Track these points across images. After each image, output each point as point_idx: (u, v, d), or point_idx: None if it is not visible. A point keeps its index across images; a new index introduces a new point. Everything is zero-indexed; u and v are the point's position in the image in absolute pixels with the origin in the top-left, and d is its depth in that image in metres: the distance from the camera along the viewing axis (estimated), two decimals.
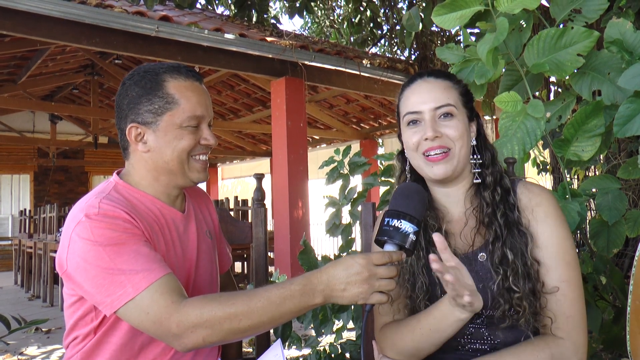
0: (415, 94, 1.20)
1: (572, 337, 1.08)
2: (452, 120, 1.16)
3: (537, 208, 1.15)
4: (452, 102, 1.17)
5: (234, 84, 8.14)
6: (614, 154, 2.89)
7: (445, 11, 1.63)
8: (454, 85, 1.21)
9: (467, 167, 1.21)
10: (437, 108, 1.16)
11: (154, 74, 1.23)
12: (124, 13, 4.41)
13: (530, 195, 1.17)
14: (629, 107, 1.40)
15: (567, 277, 1.11)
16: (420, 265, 1.18)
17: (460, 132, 1.16)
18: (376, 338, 1.24)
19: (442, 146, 1.15)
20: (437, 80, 1.20)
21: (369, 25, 7.01)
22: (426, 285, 1.17)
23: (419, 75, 1.23)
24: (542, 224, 1.14)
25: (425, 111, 1.17)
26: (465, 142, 1.17)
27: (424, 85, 1.20)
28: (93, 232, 1.10)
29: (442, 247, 0.96)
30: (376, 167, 2.43)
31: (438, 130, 1.15)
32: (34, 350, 4.31)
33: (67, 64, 8.02)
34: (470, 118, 1.21)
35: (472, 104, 1.24)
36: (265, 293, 1.04)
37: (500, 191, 1.17)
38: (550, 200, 1.16)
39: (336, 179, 2.19)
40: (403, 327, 1.16)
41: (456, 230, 1.21)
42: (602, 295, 1.79)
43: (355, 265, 0.99)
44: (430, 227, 1.19)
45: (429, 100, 1.17)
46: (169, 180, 1.26)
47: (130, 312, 1.07)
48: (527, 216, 1.15)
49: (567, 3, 1.63)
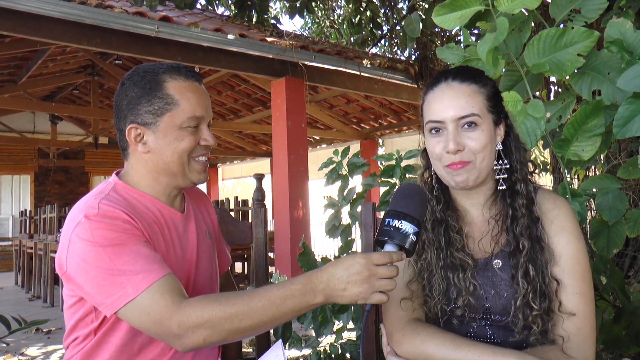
0: (437, 101, 1.15)
1: (581, 352, 1.08)
2: (475, 131, 1.12)
3: (554, 219, 1.14)
4: (477, 111, 1.12)
5: (234, 84, 8.14)
6: (614, 153, 2.89)
7: (446, 11, 1.63)
8: (481, 88, 1.15)
9: (490, 174, 1.18)
10: (460, 118, 1.12)
11: (153, 75, 1.22)
12: (124, 13, 4.41)
13: (548, 206, 1.16)
14: (629, 108, 1.40)
15: (580, 289, 1.10)
16: (439, 266, 1.17)
17: (484, 143, 1.12)
18: (391, 330, 1.18)
19: (463, 161, 1.12)
20: (462, 86, 1.14)
21: (369, 25, 7.00)
22: (443, 287, 1.16)
23: (444, 77, 1.16)
24: (558, 236, 1.13)
25: (447, 121, 1.12)
26: (488, 152, 1.13)
27: (447, 91, 1.14)
28: (93, 232, 1.09)
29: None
30: (376, 167, 2.43)
31: (460, 142, 1.11)
32: (34, 351, 4.31)
33: (67, 64, 8.03)
34: (497, 122, 1.16)
35: (500, 106, 1.18)
36: (266, 293, 1.04)
37: (525, 201, 1.14)
38: (568, 212, 1.15)
39: (335, 180, 2.19)
40: (445, 341, 1.11)
41: (475, 235, 1.19)
42: (602, 295, 1.79)
43: (355, 265, 0.99)
44: (450, 228, 1.18)
45: (451, 110, 1.12)
46: (169, 181, 1.26)
47: (130, 313, 1.07)
48: (545, 226, 1.14)
49: (566, 3, 1.63)
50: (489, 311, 1.15)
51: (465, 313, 1.15)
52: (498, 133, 1.17)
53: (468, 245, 1.18)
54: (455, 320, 1.16)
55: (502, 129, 1.18)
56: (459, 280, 1.14)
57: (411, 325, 1.15)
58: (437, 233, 1.19)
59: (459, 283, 1.14)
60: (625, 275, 3.28)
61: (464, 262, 1.15)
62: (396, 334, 1.16)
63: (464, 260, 1.15)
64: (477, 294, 1.14)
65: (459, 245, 1.17)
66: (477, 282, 1.14)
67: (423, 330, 1.13)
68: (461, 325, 1.17)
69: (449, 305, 1.17)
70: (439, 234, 1.19)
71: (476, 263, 1.16)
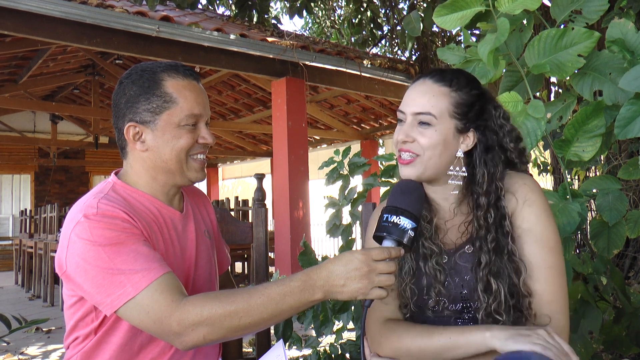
0: (408, 93, 1.21)
1: (554, 321, 1.09)
2: (427, 129, 1.15)
3: (523, 197, 1.16)
4: (434, 112, 1.14)
5: (234, 84, 8.14)
6: (615, 154, 2.89)
7: (447, 12, 1.63)
8: (452, 92, 1.16)
9: (443, 176, 1.19)
10: (416, 114, 1.16)
11: (151, 73, 1.23)
12: (125, 13, 4.41)
13: (515, 184, 1.17)
14: (630, 109, 1.40)
15: (550, 262, 1.12)
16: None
17: (433, 142, 1.14)
18: (372, 334, 1.20)
19: (410, 150, 1.16)
20: (434, 85, 1.17)
21: (370, 25, 7.01)
22: (413, 269, 1.20)
23: (424, 75, 1.21)
24: (525, 210, 1.15)
25: (407, 113, 1.18)
26: (437, 152, 1.15)
27: (419, 86, 1.18)
28: (92, 232, 1.10)
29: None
30: (376, 167, 2.43)
31: (410, 135, 1.16)
32: (34, 350, 4.32)
33: (68, 64, 8.02)
34: (461, 129, 1.16)
35: (473, 114, 1.18)
36: (265, 290, 1.04)
37: (493, 214, 1.15)
38: (535, 188, 1.17)
39: (336, 180, 2.19)
40: (418, 332, 1.14)
41: (444, 226, 1.23)
42: (602, 296, 1.79)
43: (354, 261, 1.00)
44: (422, 218, 1.21)
45: (412, 104, 1.17)
46: (167, 179, 1.26)
47: (130, 312, 1.07)
48: (512, 203, 1.16)
49: (567, 4, 1.63)
50: (466, 299, 1.15)
51: (442, 305, 1.17)
52: (462, 140, 1.18)
53: (438, 235, 1.21)
54: (431, 313, 1.18)
55: (471, 138, 1.18)
56: (429, 269, 1.17)
57: (387, 325, 1.18)
58: None
59: (429, 271, 1.17)
60: (625, 275, 3.28)
61: (432, 251, 1.18)
62: (376, 336, 1.19)
63: (432, 248, 1.18)
64: (449, 282, 1.16)
65: (428, 234, 1.20)
66: (443, 269, 1.17)
67: (398, 327, 1.16)
68: (439, 320, 1.18)
69: (423, 298, 1.18)
70: None
71: (445, 252, 1.19)
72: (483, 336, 1.02)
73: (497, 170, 1.17)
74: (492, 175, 1.16)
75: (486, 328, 1.04)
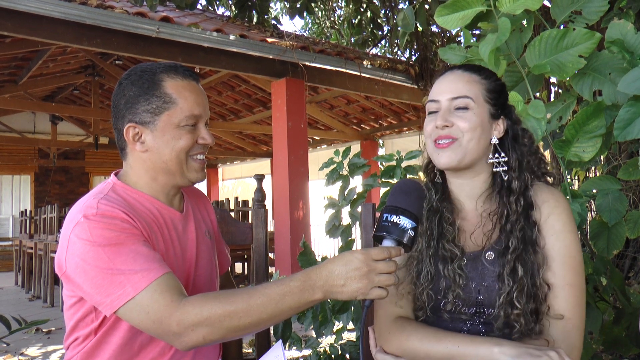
0: (438, 84, 1.21)
1: (568, 339, 1.08)
2: (466, 113, 1.16)
3: (551, 212, 1.15)
4: (471, 95, 1.16)
5: (234, 84, 8.14)
6: (615, 155, 2.89)
7: (448, 12, 1.63)
8: (482, 80, 1.20)
9: (481, 163, 1.20)
10: (453, 99, 1.17)
11: (151, 74, 1.23)
12: (125, 14, 4.42)
13: (544, 197, 1.17)
14: (629, 111, 1.40)
15: (570, 281, 1.11)
16: (429, 254, 1.18)
17: (472, 125, 1.15)
18: (380, 329, 1.20)
19: (449, 136, 1.16)
20: (464, 73, 1.20)
21: (370, 26, 7.01)
22: (431, 274, 1.18)
23: (451, 68, 1.23)
24: (553, 229, 1.14)
25: (442, 101, 1.18)
26: (477, 135, 1.16)
27: (448, 76, 1.20)
28: (92, 232, 1.09)
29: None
30: (376, 168, 2.43)
31: (449, 119, 1.16)
32: (34, 351, 4.31)
33: (67, 64, 8.03)
34: (494, 115, 1.19)
35: (502, 102, 1.21)
36: (265, 290, 1.04)
37: (523, 203, 1.15)
38: (564, 205, 1.16)
39: (336, 180, 2.19)
40: (427, 334, 1.13)
41: (467, 228, 1.21)
42: (602, 297, 1.79)
43: (354, 261, 1.00)
44: (444, 219, 1.20)
45: (447, 91, 1.18)
46: (167, 180, 1.26)
47: (130, 312, 1.07)
48: (539, 219, 1.15)
49: (567, 4, 1.63)
50: (481, 304, 1.15)
51: (457, 308, 1.16)
52: (495, 127, 1.20)
53: (460, 238, 1.19)
54: (447, 315, 1.17)
55: (502, 126, 1.21)
56: (448, 272, 1.15)
57: (397, 322, 1.18)
58: (431, 223, 1.21)
59: (448, 274, 1.15)
60: (625, 276, 3.28)
61: (453, 254, 1.16)
62: (384, 332, 1.18)
63: (453, 251, 1.16)
64: (466, 286, 1.15)
65: (451, 236, 1.18)
66: (464, 273, 1.15)
67: (408, 326, 1.15)
68: (453, 321, 1.17)
69: (439, 298, 1.17)
70: (432, 223, 1.20)
71: (466, 255, 1.17)
72: (491, 350, 1.01)
73: (525, 159, 1.20)
74: (523, 162, 1.19)
75: (496, 342, 1.02)
